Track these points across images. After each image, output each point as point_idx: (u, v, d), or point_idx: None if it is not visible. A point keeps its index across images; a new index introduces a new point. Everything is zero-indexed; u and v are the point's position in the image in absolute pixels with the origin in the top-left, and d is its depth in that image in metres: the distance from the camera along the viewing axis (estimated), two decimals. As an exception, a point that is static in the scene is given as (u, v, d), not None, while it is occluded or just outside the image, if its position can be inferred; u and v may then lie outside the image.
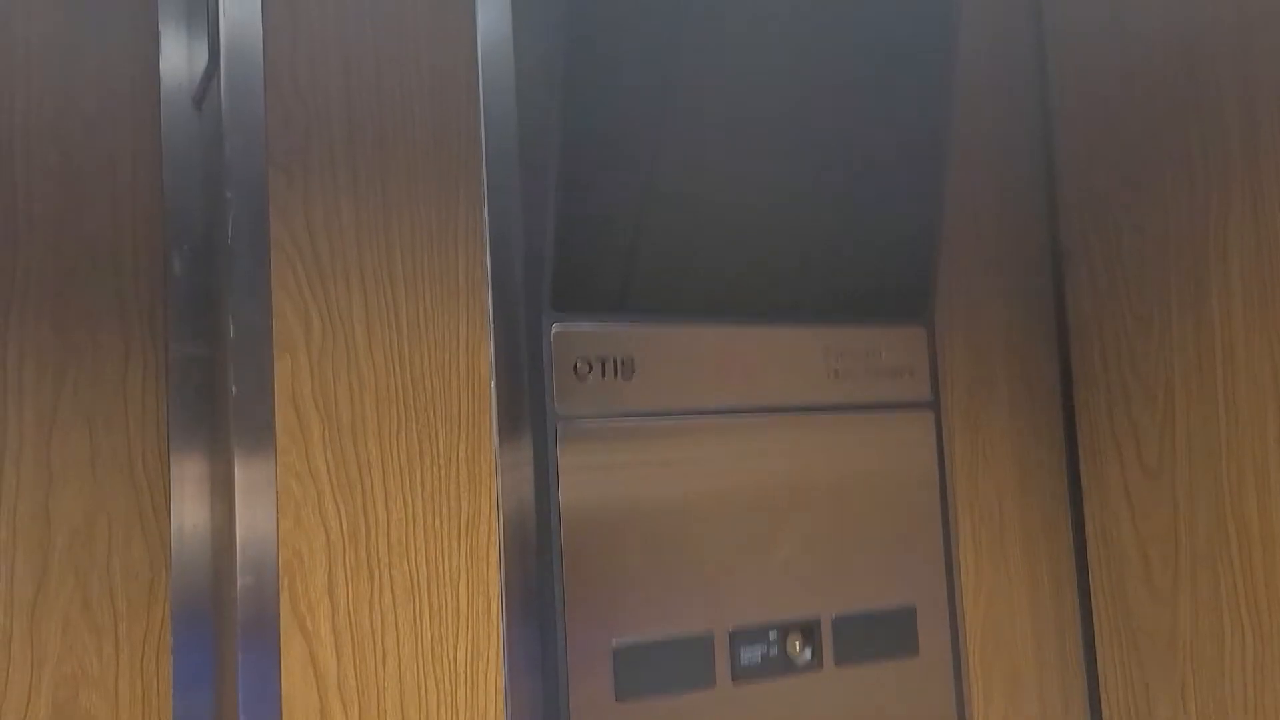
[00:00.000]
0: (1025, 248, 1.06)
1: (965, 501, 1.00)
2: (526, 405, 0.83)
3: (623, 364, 0.84)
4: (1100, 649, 1.01)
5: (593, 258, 0.83)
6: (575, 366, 0.83)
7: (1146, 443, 0.96)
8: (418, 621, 0.78)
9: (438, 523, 0.79)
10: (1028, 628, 1.02)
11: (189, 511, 0.79)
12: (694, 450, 0.86)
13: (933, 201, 0.94)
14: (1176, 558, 0.94)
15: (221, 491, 0.77)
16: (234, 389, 0.73)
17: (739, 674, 0.85)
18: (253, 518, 0.73)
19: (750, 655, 0.85)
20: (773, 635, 0.86)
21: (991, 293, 1.03)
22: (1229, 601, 0.89)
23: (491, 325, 0.82)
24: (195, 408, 0.80)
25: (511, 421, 0.82)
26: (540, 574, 0.81)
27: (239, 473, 0.73)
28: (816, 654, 0.88)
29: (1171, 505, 0.94)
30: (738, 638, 0.85)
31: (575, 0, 0.79)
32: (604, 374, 0.84)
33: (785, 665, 0.87)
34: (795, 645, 0.87)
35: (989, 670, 0.99)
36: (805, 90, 0.88)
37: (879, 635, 0.91)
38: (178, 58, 0.83)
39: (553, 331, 0.82)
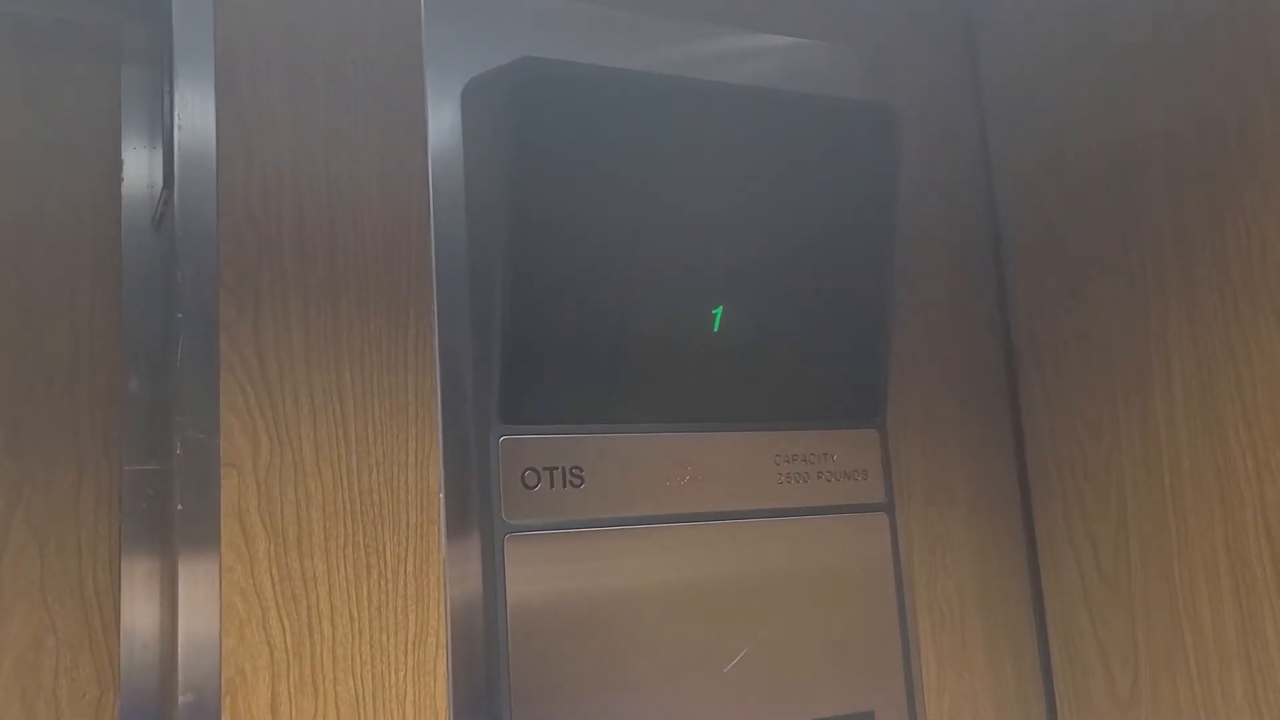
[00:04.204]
0: (978, 352, 1.07)
1: (925, 605, 0.99)
2: (475, 516, 0.84)
3: (571, 473, 0.85)
4: (1069, 757, 0.99)
5: (541, 370, 0.84)
6: (524, 477, 0.84)
7: (1103, 548, 0.96)
8: (362, 739, 0.78)
9: (384, 637, 0.79)
10: (994, 734, 1.00)
11: (139, 628, 0.80)
12: (644, 559, 0.86)
13: (883, 305, 0.95)
14: (1137, 665, 0.92)
15: (169, 608, 0.78)
16: (180, 506, 0.74)
17: (691, 788, 0.84)
18: (196, 635, 0.74)
19: (703, 769, 0.84)
20: (726, 747, 0.86)
21: (946, 396, 1.04)
22: (1188, 710, 0.88)
23: (440, 438, 0.83)
24: (148, 523, 0.81)
25: (460, 533, 0.83)
26: (489, 688, 0.81)
27: (183, 590, 0.74)
28: (772, 766, 0.87)
29: (1129, 612, 0.93)
30: (690, 751, 0.84)
31: (524, 126, 0.81)
32: (553, 484, 0.84)
33: (739, 778, 0.86)
34: (749, 757, 0.86)
35: (956, 779, 0.98)
36: (753, 203, 0.90)
37: (837, 744, 0.89)
38: (140, 178, 0.87)
39: (500, 442, 0.83)
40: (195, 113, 0.79)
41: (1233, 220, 0.85)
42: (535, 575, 0.82)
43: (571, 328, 0.84)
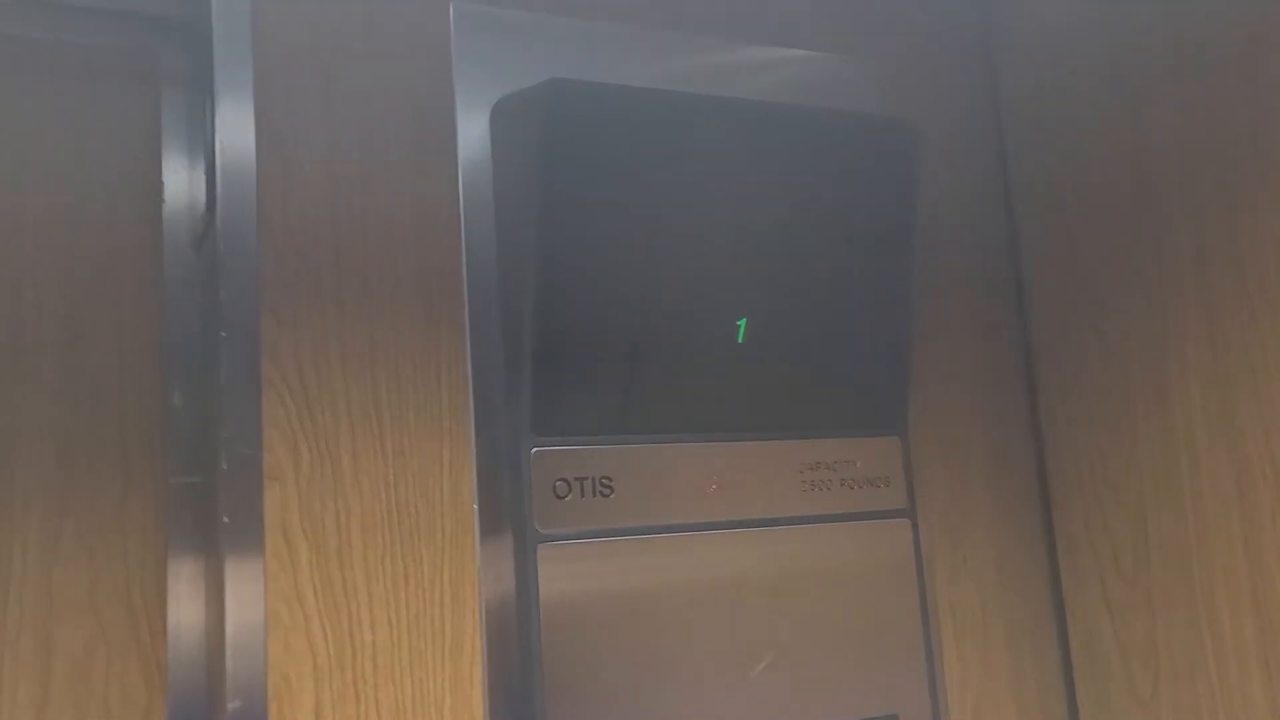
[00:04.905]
0: (998, 360, 1.09)
1: (947, 609, 1.01)
2: (508, 526, 0.86)
3: (601, 483, 0.87)
4: (1091, 758, 1.01)
5: (571, 383, 0.86)
6: (555, 487, 0.86)
7: (1122, 550, 0.97)
8: (403, 745, 0.80)
9: (422, 645, 0.82)
10: (1017, 735, 1.02)
11: (185, 636, 0.82)
12: (673, 566, 0.88)
13: (904, 316, 0.97)
14: (1157, 667, 0.94)
15: (216, 616, 0.80)
16: (225, 518, 0.77)
17: (721, 791, 0.86)
18: (242, 642, 0.76)
19: (732, 771, 0.86)
20: (754, 750, 0.87)
21: (966, 403, 1.06)
22: (1208, 712, 0.89)
23: (474, 450, 0.86)
24: (192, 533, 0.84)
25: (494, 543, 0.85)
26: (524, 694, 0.83)
27: (230, 600, 0.76)
28: (799, 768, 0.89)
29: (1149, 613, 0.95)
30: (719, 754, 0.86)
31: (552, 146, 0.83)
32: (583, 494, 0.86)
33: (767, 780, 0.88)
34: (777, 760, 0.88)
35: (979, 779, 0.99)
36: (777, 217, 0.92)
37: (863, 747, 0.91)
38: (180, 199, 0.89)
39: (532, 454, 0.85)
40: (236, 134, 0.81)
41: (1249, 229, 0.86)
42: (567, 583, 0.84)
43: (600, 342, 0.86)
